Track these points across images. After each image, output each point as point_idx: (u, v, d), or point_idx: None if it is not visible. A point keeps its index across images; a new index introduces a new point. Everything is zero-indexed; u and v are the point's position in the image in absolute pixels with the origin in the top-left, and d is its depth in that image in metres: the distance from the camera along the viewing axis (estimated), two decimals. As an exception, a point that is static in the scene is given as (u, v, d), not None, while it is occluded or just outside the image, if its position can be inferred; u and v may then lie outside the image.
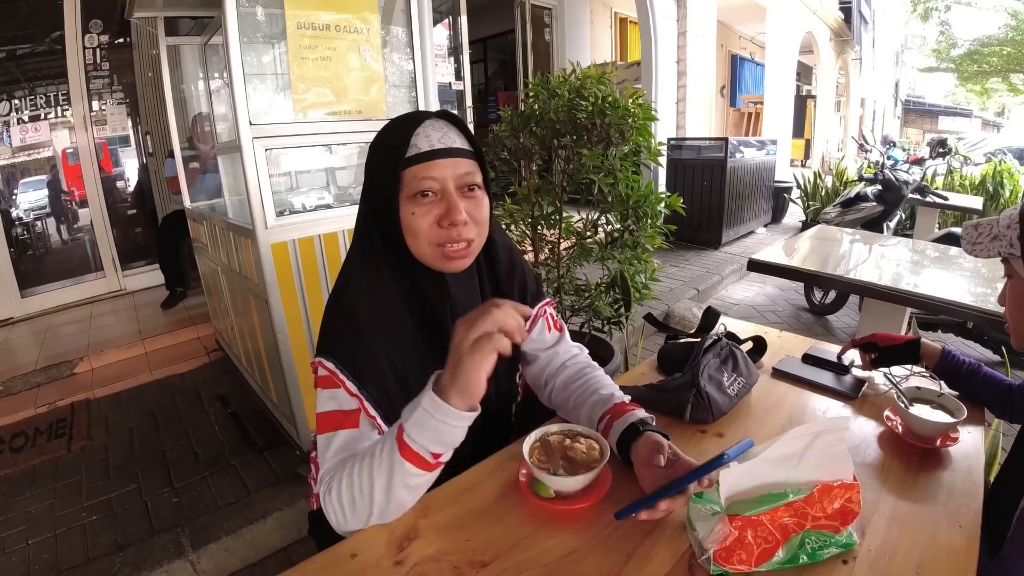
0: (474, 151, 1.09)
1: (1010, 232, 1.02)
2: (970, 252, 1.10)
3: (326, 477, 0.96)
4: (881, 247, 3.07)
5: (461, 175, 1.04)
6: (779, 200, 8.06)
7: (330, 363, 1.01)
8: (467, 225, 1.03)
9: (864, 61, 16.87)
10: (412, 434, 0.87)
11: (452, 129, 1.07)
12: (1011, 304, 1.07)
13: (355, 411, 1.00)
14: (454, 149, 1.04)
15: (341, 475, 0.93)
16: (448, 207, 1.02)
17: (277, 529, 2.28)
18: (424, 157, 1.02)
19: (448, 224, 1.01)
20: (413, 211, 1.02)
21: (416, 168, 1.02)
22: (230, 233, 2.73)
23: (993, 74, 24.02)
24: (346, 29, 2.32)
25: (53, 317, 4.58)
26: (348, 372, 1.00)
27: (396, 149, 1.03)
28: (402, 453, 0.87)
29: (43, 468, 2.70)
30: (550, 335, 1.31)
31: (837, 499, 0.86)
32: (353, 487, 0.91)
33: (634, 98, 2.43)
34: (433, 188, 1.02)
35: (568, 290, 2.67)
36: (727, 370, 1.34)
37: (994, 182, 6.56)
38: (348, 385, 1.00)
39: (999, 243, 1.03)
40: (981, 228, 1.09)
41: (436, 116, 1.07)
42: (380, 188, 1.06)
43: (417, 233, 1.03)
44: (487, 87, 10.72)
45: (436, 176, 1.02)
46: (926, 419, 1.14)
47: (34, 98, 4.59)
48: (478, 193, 1.07)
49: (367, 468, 0.90)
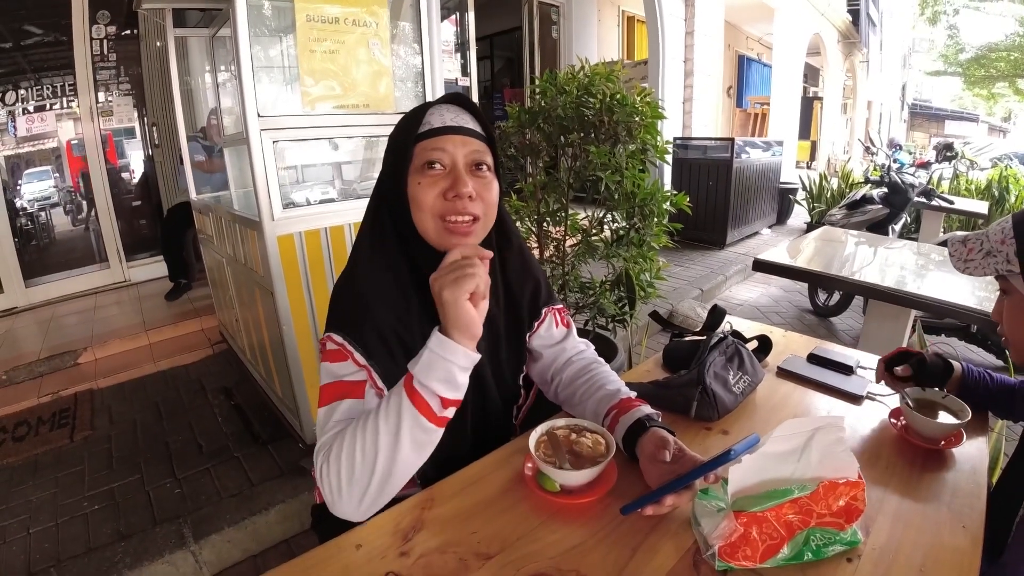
0: (486, 135, 1.10)
1: (1006, 247, 1.00)
2: (962, 270, 1.08)
3: (323, 448, 0.95)
4: (886, 250, 3.06)
5: (470, 152, 1.05)
6: (784, 201, 8.05)
7: (339, 336, 1.01)
8: (473, 200, 1.03)
9: (871, 64, 16.86)
10: (421, 378, 0.90)
11: (465, 113, 1.09)
12: (1010, 321, 1.05)
13: (361, 382, 1.00)
14: (466, 128, 1.06)
15: (342, 440, 0.93)
16: (454, 180, 1.02)
17: (279, 521, 2.29)
18: (435, 132, 1.04)
19: (453, 196, 1.02)
20: (419, 181, 1.03)
21: (426, 142, 1.04)
22: (236, 225, 2.73)
23: (1000, 79, 24.01)
24: (355, 23, 2.32)
25: (57, 307, 4.59)
26: (357, 344, 1.00)
27: (409, 126, 1.06)
28: (411, 399, 0.90)
29: (45, 457, 2.71)
30: (557, 331, 1.30)
31: (842, 496, 0.86)
32: (355, 448, 0.90)
33: (642, 96, 2.43)
34: (442, 160, 1.03)
35: (573, 287, 2.67)
36: (733, 368, 1.34)
37: (1000, 187, 6.55)
38: (356, 356, 1.00)
39: (994, 259, 1.02)
40: (970, 243, 1.07)
41: (452, 100, 1.10)
42: (393, 164, 1.08)
43: (422, 204, 1.03)
44: (493, 84, 10.71)
45: (446, 148, 1.03)
46: (930, 421, 1.14)
47: (40, 88, 4.59)
48: (487, 174, 1.08)
49: (371, 426, 0.91)
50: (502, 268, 1.21)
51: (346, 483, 0.91)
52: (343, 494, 0.91)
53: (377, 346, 1.02)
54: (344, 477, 0.90)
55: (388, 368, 1.02)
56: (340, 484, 0.91)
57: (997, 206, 6.24)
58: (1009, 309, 1.05)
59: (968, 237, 1.09)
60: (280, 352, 2.46)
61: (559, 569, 0.83)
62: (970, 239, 1.08)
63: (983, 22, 26.27)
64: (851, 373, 1.46)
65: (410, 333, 1.06)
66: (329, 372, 1.01)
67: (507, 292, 1.22)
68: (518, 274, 1.23)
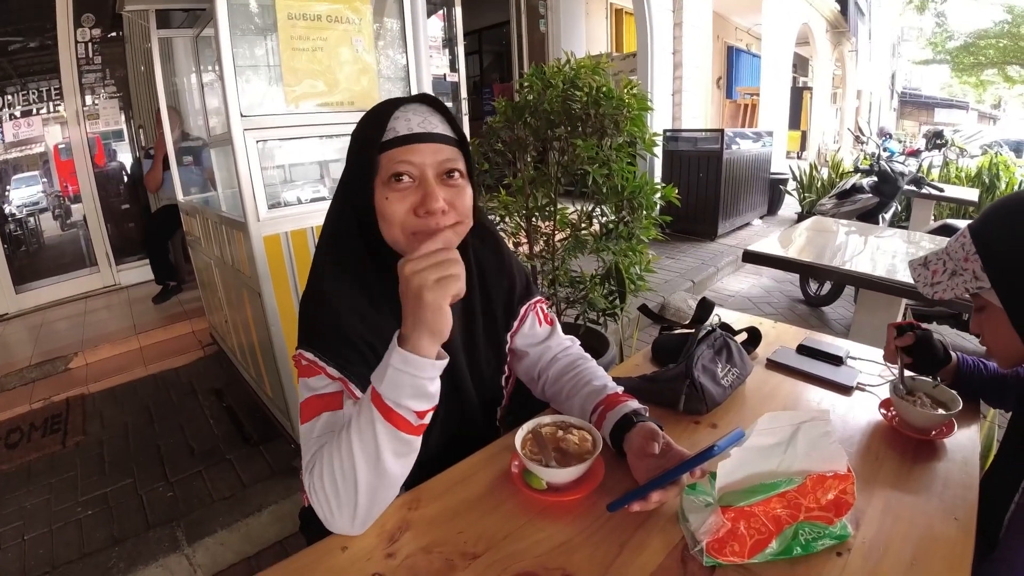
0: (457, 138, 1.03)
1: (970, 264, 0.99)
2: (931, 295, 1.06)
3: (309, 466, 0.92)
4: (877, 239, 3.07)
5: (441, 161, 0.98)
6: (775, 192, 8.06)
7: (310, 353, 0.98)
8: (446, 214, 0.97)
9: (860, 53, 16.86)
10: (391, 395, 0.84)
11: (434, 114, 1.02)
12: (991, 335, 1.04)
13: (338, 392, 0.97)
14: (435, 134, 0.99)
15: (322, 461, 0.89)
16: (425, 194, 0.96)
17: (272, 523, 2.28)
18: (402, 141, 0.97)
19: (425, 213, 0.95)
20: (387, 196, 0.97)
21: (393, 152, 0.96)
22: (223, 226, 2.72)
23: (989, 66, 24.07)
24: (338, 20, 2.30)
25: (47, 312, 4.57)
26: (328, 359, 0.97)
27: (373, 133, 0.98)
28: (384, 416, 0.85)
29: (38, 463, 2.70)
30: (541, 329, 1.29)
31: (831, 490, 0.86)
32: (335, 469, 0.87)
33: (628, 88, 2.42)
34: (410, 172, 0.96)
35: (563, 282, 2.67)
36: (721, 361, 1.34)
37: (990, 174, 6.56)
38: (329, 370, 0.97)
39: (961, 279, 1.00)
40: (932, 265, 1.05)
41: (417, 100, 1.03)
42: (356, 173, 1.02)
43: (391, 220, 0.97)
44: (482, 79, 10.70)
45: (414, 161, 0.96)
46: (921, 411, 1.13)
47: (26, 93, 4.55)
48: (459, 180, 1.01)
49: (346, 445, 0.87)
50: (479, 268, 1.19)
51: (335, 504, 0.88)
52: (335, 514, 0.89)
53: (350, 356, 0.98)
54: (331, 499, 0.88)
55: (363, 376, 0.98)
56: (330, 506, 0.88)
57: (987, 193, 6.24)
58: (987, 324, 1.03)
59: (928, 259, 1.08)
60: (269, 352, 2.45)
61: (546, 567, 0.83)
62: (931, 261, 1.07)
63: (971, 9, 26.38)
64: (841, 364, 1.46)
65: (382, 340, 1.03)
66: (306, 387, 0.99)
67: (483, 293, 1.20)
68: (494, 274, 1.21)
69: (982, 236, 0.98)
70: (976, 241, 0.98)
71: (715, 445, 0.80)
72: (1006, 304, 0.96)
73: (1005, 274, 0.95)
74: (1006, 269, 0.95)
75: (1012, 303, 0.95)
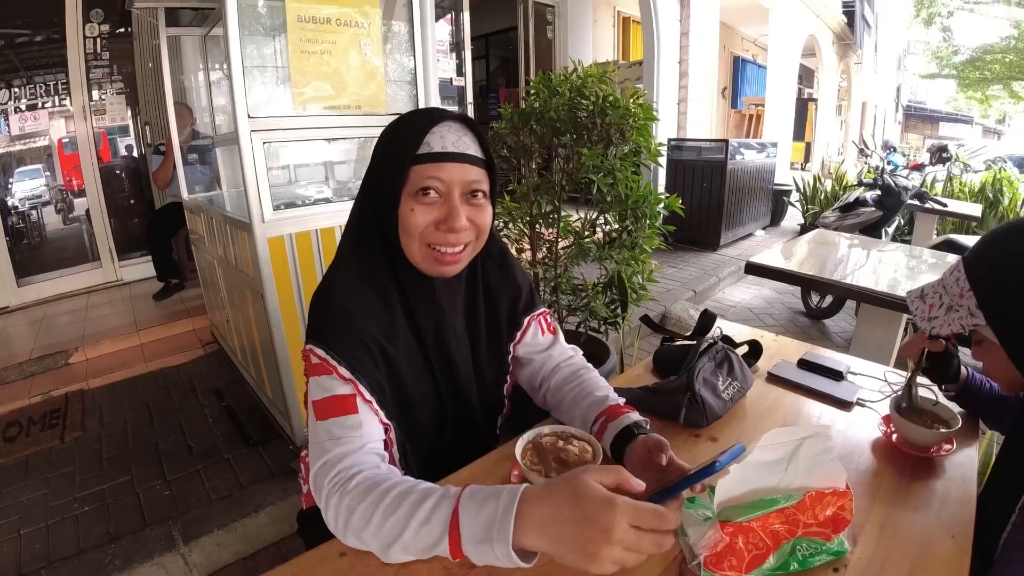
0: (486, 160, 1.07)
1: (965, 301, 0.99)
2: (928, 330, 1.05)
3: (331, 473, 0.90)
4: (879, 252, 3.06)
5: (469, 181, 1.02)
6: (778, 203, 8.06)
7: (320, 350, 0.99)
8: (467, 231, 1.03)
9: (866, 65, 16.88)
10: (470, 552, 0.77)
11: (468, 134, 1.05)
12: (991, 367, 1.04)
13: (351, 396, 0.97)
14: (467, 155, 1.02)
15: (365, 501, 0.84)
16: (449, 211, 1.00)
17: (269, 524, 2.28)
18: (435, 158, 1.00)
19: (446, 229, 1.00)
20: (412, 207, 1.00)
21: (425, 167, 1.00)
22: (227, 226, 2.72)
23: (995, 81, 24.06)
24: (347, 23, 2.31)
25: (49, 307, 4.58)
26: (340, 358, 0.98)
27: (408, 144, 1.01)
28: (450, 549, 0.78)
29: (36, 458, 2.70)
30: (544, 338, 1.30)
31: (829, 506, 0.86)
32: (377, 526, 0.82)
33: (635, 98, 2.42)
34: (438, 188, 1.00)
35: (565, 290, 2.67)
36: (722, 374, 1.34)
37: (994, 190, 6.56)
38: (341, 371, 0.97)
39: (957, 314, 1.00)
40: (929, 298, 1.05)
41: (454, 119, 1.05)
42: (385, 181, 1.04)
43: (412, 232, 1.01)
44: (488, 84, 10.72)
45: (443, 178, 1.00)
46: (921, 428, 1.13)
47: (33, 87, 4.58)
48: (483, 200, 1.05)
49: (403, 520, 0.81)
50: (484, 280, 1.21)
51: (353, 539, 0.86)
52: (346, 539, 0.87)
53: (362, 358, 0.99)
54: (351, 534, 0.85)
55: (374, 379, 1.00)
56: (345, 535, 0.86)
57: (991, 209, 6.25)
58: (986, 357, 1.04)
59: (925, 291, 1.07)
60: (271, 354, 2.45)
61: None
62: (928, 293, 1.06)
63: (978, 24, 26.38)
64: (841, 379, 1.46)
65: (393, 345, 1.05)
66: (319, 387, 0.99)
67: (488, 303, 1.21)
68: (498, 285, 1.23)
69: (975, 273, 0.98)
70: (970, 278, 0.98)
71: (717, 461, 0.80)
72: (1003, 342, 0.96)
73: (1001, 313, 0.95)
74: (1001, 309, 0.95)
75: (1009, 341, 0.96)
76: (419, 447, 1.13)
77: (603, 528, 0.67)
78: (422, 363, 1.11)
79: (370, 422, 0.99)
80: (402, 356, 1.06)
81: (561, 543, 0.70)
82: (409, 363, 1.08)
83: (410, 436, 1.10)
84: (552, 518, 0.71)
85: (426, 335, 1.10)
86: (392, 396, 1.05)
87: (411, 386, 1.08)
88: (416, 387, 1.10)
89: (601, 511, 0.68)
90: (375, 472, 0.91)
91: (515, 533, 0.72)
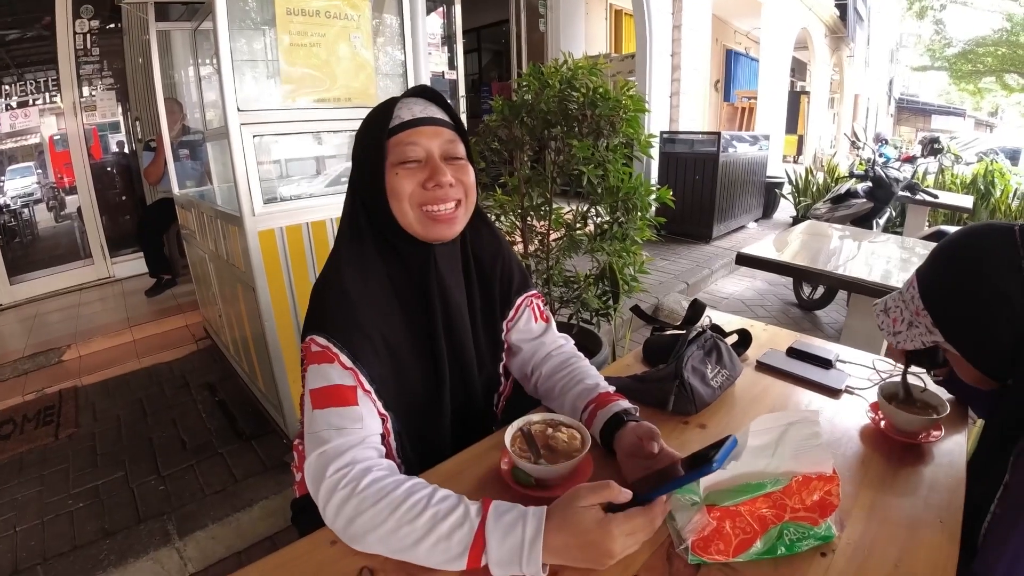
0: (456, 125, 1.11)
1: (922, 319, 1.01)
2: (895, 344, 1.07)
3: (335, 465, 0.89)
4: (870, 244, 3.08)
5: (444, 142, 1.06)
6: (770, 195, 8.08)
7: (322, 338, 0.99)
8: (453, 187, 1.05)
9: (858, 58, 16.91)
10: (493, 570, 0.80)
11: (432, 105, 1.10)
12: (959, 370, 1.06)
13: (352, 387, 0.97)
14: (436, 119, 1.07)
15: (377, 505, 0.84)
16: (433, 169, 1.03)
17: (263, 517, 2.28)
18: (407, 125, 1.04)
19: (434, 185, 1.03)
20: (397, 173, 1.03)
21: (401, 135, 1.04)
22: (218, 221, 2.72)
23: (987, 74, 24.15)
24: (336, 15, 2.30)
25: (41, 304, 4.56)
26: (342, 346, 0.98)
27: (380, 121, 1.05)
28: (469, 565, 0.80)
29: (30, 455, 2.70)
30: (536, 326, 1.30)
31: (816, 491, 0.86)
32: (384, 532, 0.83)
33: (625, 89, 2.42)
34: (416, 154, 1.04)
35: (557, 281, 2.67)
36: (711, 362, 1.35)
37: (985, 181, 6.59)
38: (342, 358, 0.98)
39: (918, 331, 1.02)
40: (892, 312, 1.07)
41: (417, 93, 1.11)
42: (366, 160, 1.07)
43: (402, 196, 1.03)
44: (481, 77, 10.71)
45: (420, 142, 1.04)
46: (908, 414, 1.13)
47: (23, 84, 4.55)
48: (462, 162, 1.09)
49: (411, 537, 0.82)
50: (475, 256, 1.21)
51: (352, 537, 0.86)
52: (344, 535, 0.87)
53: (363, 347, 1.00)
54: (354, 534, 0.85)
55: (374, 369, 1.01)
56: (345, 532, 0.86)
57: (982, 200, 6.28)
58: (954, 362, 1.05)
59: (888, 306, 1.09)
60: (263, 348, 2.45)
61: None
62: (891, 308, 1.08)
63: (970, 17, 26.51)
64: (830, 367, 1.47)
65: (394, 333, 1.05)
66: (318, 375, 0.98)
67: (480, 276, 1.22)
68: (489, 261, 1.23)
69: (927, 292, 1.01)
70: (923, 297, 1.01)
71: (713, 461, 0.80)
72: (964, 355, 0.99)
73: (956, 331, 0.98)
74: (957, 326, 0.98)
75: (969, 354, 0.98)
76: (418, 428, 1.12)
77: (606, 551, 0.78)
78: (424, 342, 1.11)
79: (370, 415, 0.99)
80: (402, 339, 1.07)
81: (574, 561, 0.81)
82: (411, 346, 1.08)
83: (410, 418, 1.10)
84: (564, 546, 0.79)
85: (433, 306, 1.09)
86: (393, 381, 1.05)
87: (412, 367, 1.09)
88: (418, 369, 1.10)
89: (601, 538, 0.78)
90: (386, 474, 0.91)
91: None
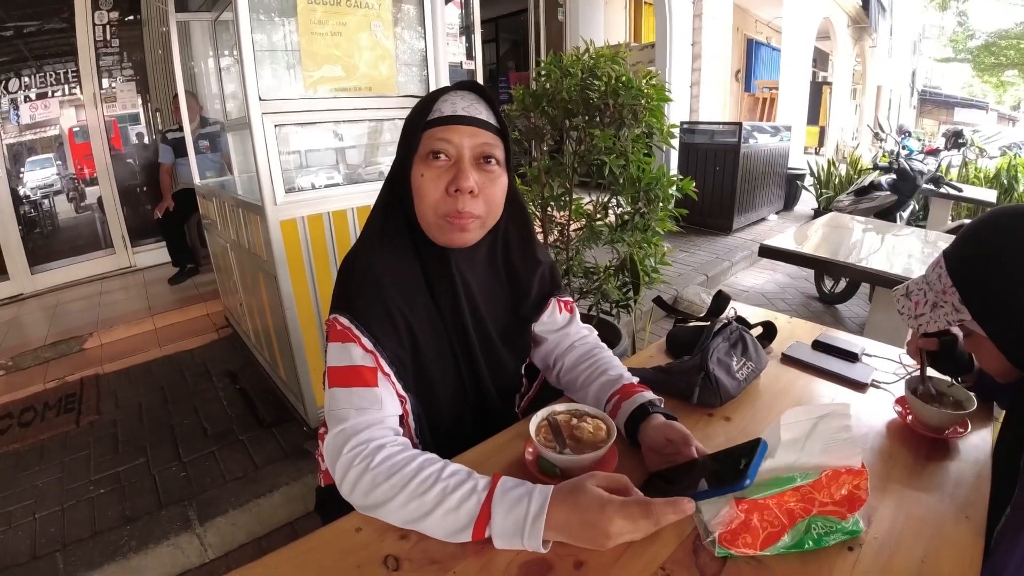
0: (499, 127, 1.06)
1: (949, 297, 0.99)
2: (915, 327, 1.06)
3: (352, 442, 0.92)
4: (894, 237, 3.04)
5: (479, 144, 1.01)
6: (792, 187, 7.99)
7: (345, 319, 1.00)
8: (475, 198, 1.00)
9: (881, 49, 16.67)
10: (496, 542, 0.83)
11: (480, 101, 1.05)
12: (982, 357, 1.04)
13: (372, 368, 0.98)
14: (477, 119, 1.02)
15: (390, 480, 0.87)
16: (458, 172, 0.99)
17: (283, 504, 2.30)
18: (445, 121, 1.00)
19: (455, 190, 0.98)
20: (423, 172, 1.00)
21: (434, 130, 1.00)
22: (239, 210, 2.73)
23: (1010, 67, 23.79)
24: (357, 4, 2.30)
25: (63, 293, 4.61)
26: (364, 328, 0.99)
27: (420, 113, 1.03)
28: (474, 536, 0.83)
29: (52, 442, 2.73)
30: (560, 317, 1.29)
31: (844, 485, 0.85)
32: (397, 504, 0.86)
33: (648, 79, 2.40)
34: (447, 151, 1.00)
35: (577, 273, 2.66)
36: (736, 354, 1.33)
37: (1009, 176, 6.51)
38: (363, 341, 0.98)
39: (943, 311, 1.00)
40: (915, 296, 1.05)
41: (466, 87, 1.06)
42: (401, 150, 1.05)
43: (423, 197, 1.01)
44: (498, 67, 10.68)
45: (452, 140, 0.99)
46: (935, 409, 1.12)
47: (44, 75, 4.57)
48: (495, 167, 1.04)
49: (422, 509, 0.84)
50: (506, 253, 1.19)
51: (367, 507, 0.89)
52: (360, 505, 0.90)
53: (385, 330, 1.00)
54: (369, 505, 0.88)
55: (395, 352, 1.01)
56: (364, 503, 0.89)
57: (1006, 194, 6.20)
58: (976, 348, 1.03)
59: (911, 289, 1.07)
60: (284, 336, 2.46)
61: (557, 554, 0.82)
62: (913, 291, 1.06)
63: (993, 9, 26.05)
64: (856, 360, 1.45)
65: (416, 318, 1.05)
66: (340, 352, 0.99)
67: (511, 279, 1.20)
68: (522, 261, 1.21)
69: (956, 268, 0.99)
70: (951, 273, 0.99)
71: (746, 477, 0.79)
72: (991, 336, 0.96)
73: (985, 308, 0.96)
74: (985, 303, 0.95)
75: (997, 335, 0.96)
76: (436, 422, 1.13)
77: (602, 531, 0.79)
78: (444, 337, 1.10)
79: (388, 397, 0.99)
80: (425, 329, 1.06)
81: (574, 538, 0.82)
82: (433, 336, 1.08)
83: (428, 411, 1.10)
84: (566, 523, 0.81)
85: (443, 308, 1.09)
86: (413, 372, 1.05)
87: (433, 361, 1.09)
88: (438, 362, 1.10)
89: (597, 516, 0.79)
90: (400, 449, 0.93)
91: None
